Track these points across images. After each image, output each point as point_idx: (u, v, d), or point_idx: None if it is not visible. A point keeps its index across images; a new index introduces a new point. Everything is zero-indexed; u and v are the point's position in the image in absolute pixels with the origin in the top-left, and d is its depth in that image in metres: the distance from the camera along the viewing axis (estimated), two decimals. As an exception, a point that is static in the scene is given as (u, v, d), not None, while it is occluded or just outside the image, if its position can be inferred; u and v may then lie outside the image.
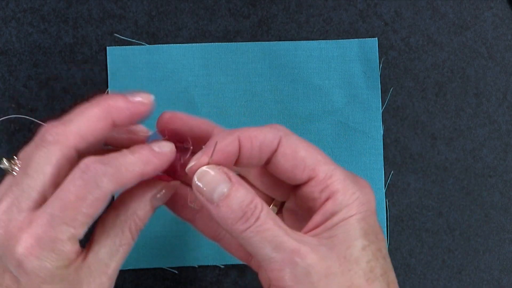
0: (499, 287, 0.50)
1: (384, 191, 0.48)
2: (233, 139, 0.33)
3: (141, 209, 0.34)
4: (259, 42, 0.48)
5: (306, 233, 0.32)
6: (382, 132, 0.48)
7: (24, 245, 0.30)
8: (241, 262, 0.48)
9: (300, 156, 0.33)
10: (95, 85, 0.47)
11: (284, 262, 0.31)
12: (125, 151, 0.32)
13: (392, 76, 0.49)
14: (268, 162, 0.34)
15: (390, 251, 0.48)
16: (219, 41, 0.48)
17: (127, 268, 0.47)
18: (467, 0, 0.49)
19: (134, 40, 0.47)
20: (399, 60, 0.49)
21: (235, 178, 0.32)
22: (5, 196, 0.31)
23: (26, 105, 0.47)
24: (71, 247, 0.31)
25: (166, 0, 0.47)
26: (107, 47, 0.47)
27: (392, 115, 0.49)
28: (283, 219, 0.36)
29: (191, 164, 0.32)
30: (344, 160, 0.48)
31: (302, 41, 0.48)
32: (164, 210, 0.48)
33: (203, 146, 0.33)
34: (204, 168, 0.32)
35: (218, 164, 0.32)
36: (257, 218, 0.31)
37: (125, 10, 0.47)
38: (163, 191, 0.35)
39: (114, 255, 0.33)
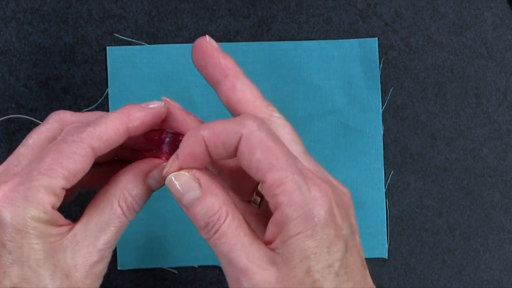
0: (499, 287, 0.50)
1: (384, 191, 0.48)
2: (198, 140, 0.32)
3: (131, 184, 0.34)
4: (259, 42, 0.48)
5: (267, 241, 0.32)
6: (382, 132, 0.48)
7: (1, 194, 0.30)
8: (241, 262, 0.48)
9: (256, 157, 0.31)
10: (95, 85, 0.47)
11: (233, 279, 0.31)
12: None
13: (392, 76, 0.49)
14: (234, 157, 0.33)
15: (390, 251, 0.48)
16: (219, 41, 0.48)
17: (127, 268, 0.47)
18: (467, 0, 0.49)
19: (134, 40, 0.47)
20: (399, 60, 0.49)
21: (206, 183, 0.32)
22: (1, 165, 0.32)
23: (26, 105, 0.47)
24: (47, 197, 0.31)
25: (166, 0, 0.47)
26: (107, 47, 0.47)
27: (392, 115, 0.49)
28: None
29: (165, 170, 0.32)
30: (344, 160, 0.48)
31: (302, 41, 0.48)
32: (164, 210, 0.48)
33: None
34: (175, 173, 0.32)
35: (191, 167, 0.32)
36: (217, 231, 0.31)
37: (125, 10, 0.47)
38: (157, 171, 0.34)
39: (104, 228, 0.33)
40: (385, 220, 0.48)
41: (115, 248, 0.47)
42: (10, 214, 0.30)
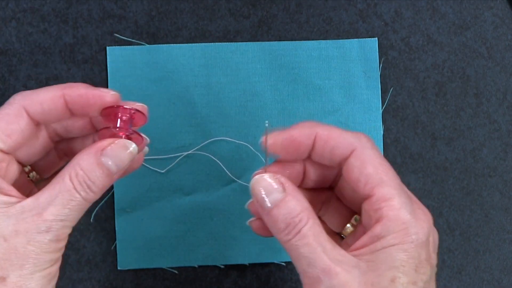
0: (499, 287, 0.50)
1: (384, 191, 0.48)
2: (310, 132, 0.34)
3: (84, 161, 0.34)
4: (259, 42, 0.48)
5: (352, 250, 0.33)
6: (382, 132, 0.48)
7: None
8: (241, 262, 0.48)
9: (367, 171, 0.33)
10: (95, 85, 0.47)
11: (314, 279, 0.31)
12: None
13: (392, 76, 0.49)
14: (340, 167, 0.34)
15: (390, 251, 0.49)
16: (219, 41, 0.48)
17: (127, 268, 0.47)
18: (467, 0, 0.49)
19: (134, 40, 0.47)
20: (399, 60, 0.49)
21: (290, 187, 0.33)
22: None
23: (26, 105, 0.47)
24: None
25: (166, 0, 0.47)
26: (107, 47, 0.47)
27: (392, 115, 0.49)
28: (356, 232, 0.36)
29: (255, 176, 0.33)
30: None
31: (302, 41, 0.48)
32: (164, 210, 0.48)
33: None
34: (261, 175, 0.33)
35: (287, 152, 0.34)
36: (298, 232, 0.32)
37: (125, 10, 0.47)
38: (110, 147, 0.34)
39: (53, 200, 0.33)
40: (385, 220, 0.48)
41: (115, 248, 0.47)
42: None
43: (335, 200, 0.38)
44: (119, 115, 0.35)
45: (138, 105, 0.36)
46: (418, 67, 0.49)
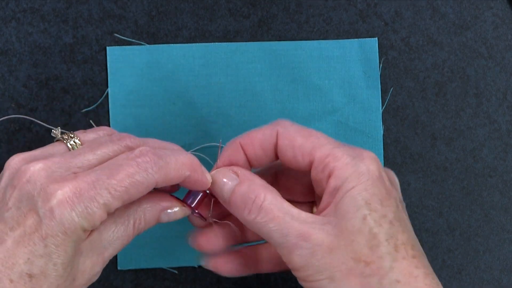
0: (499, 287, 0.50)
1: (384, 191, 0.48)
2: (235, 146, 0.35)
3: (149, 211, 0.35)
4: (259, 42, 0.48)
5: (318, 214, 0.34)
6: (382, 132, 0.48)
7: (64, 193, 0.31)
8: (241, 262, 0.48)
9: (298, 143, 0.34)
10: (95, 85, 0.47)
11: (291, 247, 0.32)
12: (178, 150, 0.36)
13: (392, 76, 0.49)
14: (277, 157, 0.36)
15: (390, 251, 0.49)
16: (219, 41, 0.48)
17: (127, 268, 0.47)
18: (467, 0, 0.49)
19: (134, 40, 0.47)
20: (399, 60, 0.49)
21: (243, 173, 0.34)
22: (57, 155, 0.33)
23: (26, 105, 0.47)
24: (101, 214, 0.32)
25: (166, 0, 0.47)
26: (107, 47, 0.47)
27: (392, 115, 0.49)
28: None
29: (206, 178, 0.35)
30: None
31: (302, 41, 0.48)
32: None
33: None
34: (215, 171, 0.35)
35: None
36: (260, 208, 0.33)
37: (125, 10, 0.47)
38: (176, 209, 0.36)
39: (114, 241, 0.34)
40: (385, 220, 0.48)
41: (115, 248, 0.47)
42: (68, 217, 0.31)
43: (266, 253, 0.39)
44: (195, 195, 0.37)
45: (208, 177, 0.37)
46: (418, 67, 0.49)
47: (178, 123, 0.47)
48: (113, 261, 0.47)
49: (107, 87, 0.47)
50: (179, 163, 0.33)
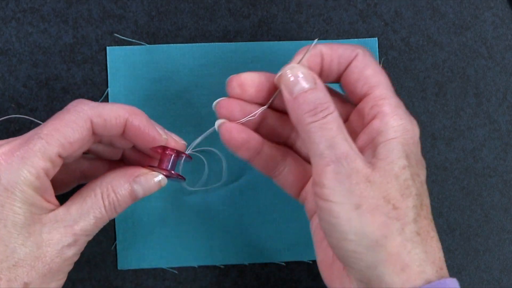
0: (499, 287, 0.50)
1: (384, 191, 0.48)
2: (316, 51, 0.36)
3: (117, 182, 0.36)
4: (259, 42, 0.48)
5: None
6: (382, 132, 0.48)
7: (0, 153, 0.33)
8: (241, 262, 0.48)
9: (367, 73, 0.36)
10: (95, 85, 0.47)
11: (332, 160, 0.33)
12: None
13: (392, 76, 0.49)
14: (339, 77, 0.37)
15: (390, 251, 0.48)
16: (219, 41, 0.48)
17: (127, 268, 0.47)
18: (467, 0, 0.49)
19: (134, 40, 0.47)
20: (399, 60, 0.49)
21: (320, 83, 0.35)
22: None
23: (26, 105, 0.47)
24: (42, 162, 0.33)
25: (166, 0, 0.47)
26: (107, 47, 0.47)
27: (392, 115, 0.49)
28: None
29: (286, 66, 0.35)
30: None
31: (302, 41, 0.48)
32: (164, 210, 0.48)
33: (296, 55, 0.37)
34: (294, 65, 0.35)
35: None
36: (324, 117, 0.33)
37: (125, 10, 0.47)
38: (146, 175, 0.36)
39: (84, 215, 0.34)
40: (385, 220, 0.48)
41: (115, 248, 0.47)
42: (3, 173, 0.32)
43: (292, 159, 0.39)
44: (165, 157, 0.38)
45: (182, 144, 0.39)
46: (418, 67, 0.49)
47: (178, 123, 0.47)
48: (113, 261, 0.47)
49: (107, 87, 0.47)
50: (116, 105, 0.35)
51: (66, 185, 0.41)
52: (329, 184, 0.33)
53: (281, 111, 0.39)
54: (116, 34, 0.47)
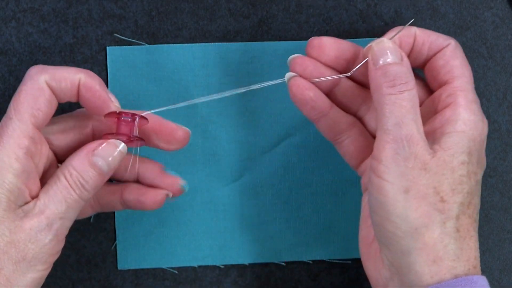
0: (499, 287, 0.50)
1: (384, 191, 0.48)
2: (409, 33, 0.37)
3: (76, 160, 0.35)
4: (259, 42, 0.48)
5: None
6: (382, 132, 0.48)
7: None
8: (241, 262, 0.48)
9: (453, 63, 0.37)
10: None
11: (395, 139, 0.33)
12: None
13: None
14: (425, 63, 0.38)
15: (390, 251, 0.48)
16: (219, 41, 0.48)
17: (127, 268, 0.47)
18: (467, 0, 0.49)
19: (134, 40, 0.47)
20: (399, 60, 0.49)
21: (406, 61, 0.36)
22: None
23: (26, 105, 0.47)
24: (20, 141, 0.33)
25: (166, 0, 0.47)
26: (107, 47, 0.47)
27: (392, 115, 0.49)
28: None
29: (378, 39, 0.37)
30: (344, 160, 0.48)
31: (302, 41, 0.48)
32: (164, 210, 0.48)
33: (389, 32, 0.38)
34: (388, 40, 0.37)
35: None
36: (401, 92, 0.34)
37: (125, 10, 0.47)
38: (102, 148, 0.36)
39: (52, 199, 0.34)
40: (385, 220, 0.48)
41: (115, 248, 0.47)
42: None
43: (357, 130, 0.40)
44: (120, 122, 0.37)
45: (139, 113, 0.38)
46: (418, 67, 0.49)
47: (178, 123, 0.47)
48: (113, 261, 0.47)
49: (107, 87, 0.47)
50: (69, 67, 0.36)
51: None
52: (386, 162, 0.34)
53: (357, 82, 0.40)
54: (116, 34, 0.47)
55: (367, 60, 0.36)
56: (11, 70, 0.47)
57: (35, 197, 0.35)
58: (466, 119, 0.35)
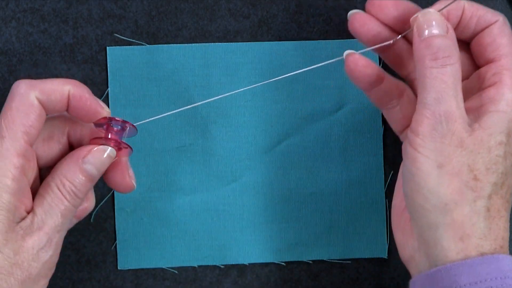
0: (499, 287, 0.50)
1: (384, 191, 0.48)
2: (458, 6, 0.36)
3: (67, 169, 0.35)
4: (259, 42, 0.48)
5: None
6: (382, 132, 0.48)
7: None
8: (241, 262, 0.48)
9: (501, 41, 0.36)
10: (95, 85, 0.47)
11: (434, 115, 0.33)
12: None
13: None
14: (472, 37, 0.38)
15: (390, 251, 0.48)
16: (219, 41, 0.48)
17: (127, 268, 0.47)
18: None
19: (134, 40, 0.47)
20: (399, 60, 0.49)
21: (452, 34, 0.35)
22: None
23: (26, 105, 0.47)
24: (15, 161, 0.33)
25: (166, 0, 0.47)
26: (107, 47, 0.47)
27: (392, 115, 0.49)
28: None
29: (425, 10, 0.36)
30: (344, 160, 0.48)
31: (302, 41, 0.48)
32: (164, 210, 0.48)
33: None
34: (435, 11, 0.35)
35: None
36: (444, 66, 0.34)
37: (125, 10, 0.47)
38: (91, 154, 0.36)
39: (49, 213, 0.34)
40: (385, 220, 0.48)
41: (115, 248, 0.47)
42: None
43: (407, 98, 0.40)
44: (109, 128, 0.37)
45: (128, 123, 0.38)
46: (418, 67, 0.49)
47: (178, 123, 0.47)
48: (113, 261, 0.47)
49: (107, 87, 0.47)
50: (57, 79, 0.36)
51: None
52: (423, 136, 0.34)
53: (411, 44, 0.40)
54: (116, 34, 0.47)
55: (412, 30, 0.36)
56: (11, 70, 0.47)
57: (29, 210, 0.34)
58: (509, 99, 0.34)
